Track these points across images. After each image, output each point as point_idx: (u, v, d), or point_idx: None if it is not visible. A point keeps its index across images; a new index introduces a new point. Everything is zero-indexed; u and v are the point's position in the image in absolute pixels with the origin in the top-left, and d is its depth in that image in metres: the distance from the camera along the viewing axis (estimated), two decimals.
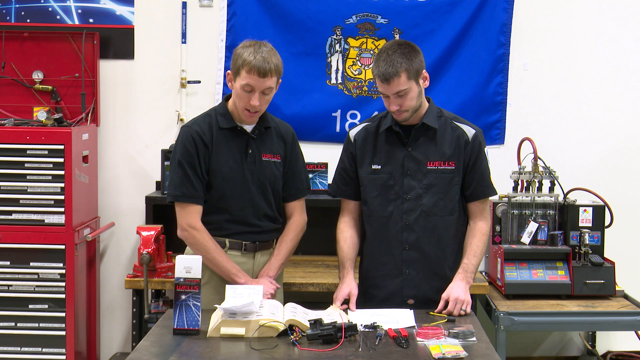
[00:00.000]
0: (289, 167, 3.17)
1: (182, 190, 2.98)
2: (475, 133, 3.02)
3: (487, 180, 3.05)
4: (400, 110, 2.92)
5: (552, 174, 3.83)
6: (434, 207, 2.99)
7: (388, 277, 3.04)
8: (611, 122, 4.37)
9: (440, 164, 2.99)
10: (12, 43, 4.25)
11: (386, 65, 2.87)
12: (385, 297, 3.03)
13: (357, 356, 2.41)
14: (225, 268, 2.99)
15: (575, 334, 4.43)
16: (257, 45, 2.93)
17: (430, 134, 3.01)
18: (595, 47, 4.34)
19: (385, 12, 4.29)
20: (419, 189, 2.99)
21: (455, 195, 3.01)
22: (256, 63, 2.87)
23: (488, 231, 3.08)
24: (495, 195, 3.12)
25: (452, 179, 3.00)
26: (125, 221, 4.39)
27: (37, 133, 3.88)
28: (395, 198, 3.01)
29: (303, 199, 3.24)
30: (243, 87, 2.90)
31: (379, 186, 3.03)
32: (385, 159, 3.03)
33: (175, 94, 4.36)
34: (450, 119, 3.05)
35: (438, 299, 2.94)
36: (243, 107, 2.95)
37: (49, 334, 3.94)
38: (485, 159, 3.07)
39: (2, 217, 3.90)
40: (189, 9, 4.31)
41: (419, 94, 2.95)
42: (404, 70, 2.87)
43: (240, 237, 3.07)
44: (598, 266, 3.70)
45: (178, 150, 3.01)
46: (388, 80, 2.87)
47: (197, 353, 2.45)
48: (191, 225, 2.99)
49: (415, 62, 2.90)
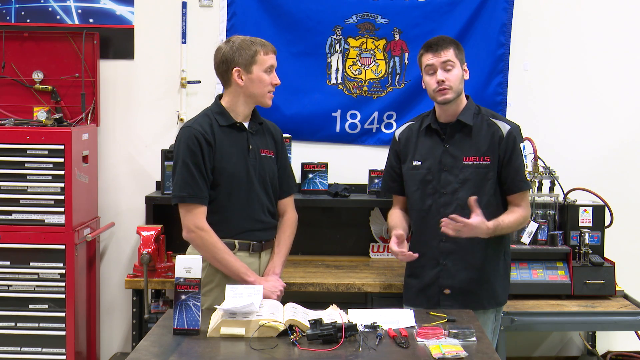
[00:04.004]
0: (281, 164, 3.23)
1: (187, 190, 2.98)
2: (510, 129, 3.11)
3: (521, 175, 3.13)
4: (445, 84, 3.03)
5: (552, 174, 3.84)
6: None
7: (426, 268, 3.17)
8: (611, 122, 4.37)
9: (476, 159, 3.10)
10: (12, 43, 4.25)
11: (437, 39, 3.10)
12: (422, 287, 3.18)
13: (357, 356, 2.41)
14: (235, 267, 3.01)
15: (575, 334, 4.43)
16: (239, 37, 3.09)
17: (466, 130, 3.12)
18: (595, 47, 4.34)
19: (385, 12, 4.29)
20: (455, 183, 3.11)
21: (489, 189, 3.10)
22: (267, 44, 3.06)
23: (526, 216, 3.16)
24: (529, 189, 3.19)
25: (486, 174, 3.09)
26: (125, 221, 4.38)
27: (37, 133, 3.88)
28: (433, 192, 3.14)
29: (293, 196, 3.32)
30: (266, 70, 3.05)
31: (418, 181, 3.17)
32: (425, 155, 3.17)
33: (175, 94, 4.36)
34: (488, 116, 3.15)
35: (473, 290, 3.09)
36: (267, 91, 3.07)
37: (49, 334, 3.94)
38: (521, 154, 3.14)
39: (2, 217, 3.90)
40: (189, 9, 4.31)
41: (462, 80, 3.10)
42: (453, 47, 3.08)
43: (249, 237, 3.09)
44: (598, 266, 3.70)
45: (181, 150, 3.01)
46: (438, 50, 3.05)
47: (197, 353, 2.45)
48: (198, 227, 2.99)
49: (461, 49, 3.13)
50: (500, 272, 3.19)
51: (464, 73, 3.12)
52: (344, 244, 4.35)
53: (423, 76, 3.14)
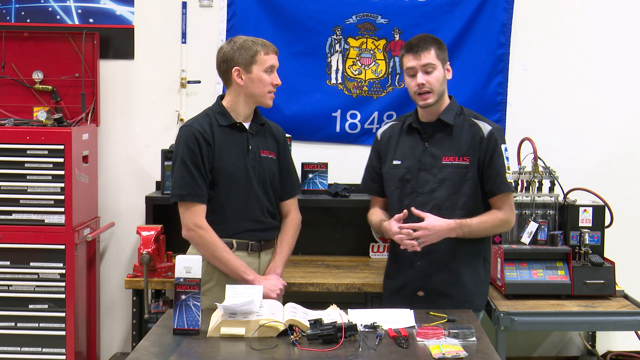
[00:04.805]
0: (283, 166, 3.23)
1: (187, 189, 2.99)
2: (491, 130, 3.08)
3: (502, 176, 3.08)
4: (425, 88, 2.99)
5: (552, 174, 3.83)
6: (446, 201, 3.04)
7: (401, 269, 3.14)
8: (611, 122, 4.37)
9: (455, 159, 3.06)
10: (12, 43, 4.25)
11: (418, 40, 3.03)
12: (397, 288, 3.15)
13: (357, 356, 2.41)
14: (234, 266, 3.01)
15: (575, 334, 4.43)
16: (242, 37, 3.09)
17: (447, 130, 3.09)
18: (595, 47, 4.34)
19: (385, 12, 4.29)
20: (433, 183, 3.07)
21: (468, 190, 3.05)
22: (268, 44, 3.06)
23: (504, 219, 3.09)
24: (511, 192, 3.12)
25: (465, 174, 3.05)
26: (125, 221, 4.39)
27: (37, 133, 3.88)
28: (411, 192, 3.10)
29: (296, 198, 3.31)
30: (267, 70, 3.04)
31: (397, 180, 3.13)
32: (405, 154, 3.14)
33: (175, 94, 4.36)
34: (470, 116, 3.12)
35: (448, 292, 3.04)
36: (267, 91, 3.06)
37: (49, 334, 3.94)
38: (502, 155, 3.09)
39: (2, 217, 3.90)
40: (189, 9, 4.31)
41: (443, 81, 3.05)
42: (434, 48, 3.01)
43: (247, 237, 3.09)
44: (598, 266, 3.70)
45: (180, 149, 3.02)
46: (418, 52, 2.99)
47: (197, 353, 2.45)
48: (198, 225, 3.00)
49: (443, 48, 3.06)
50: (480, 277, 3.14)
51: (446, 73, 3.07)
52: (344, 244, 4.35)
53: (404, 77, 3.10)
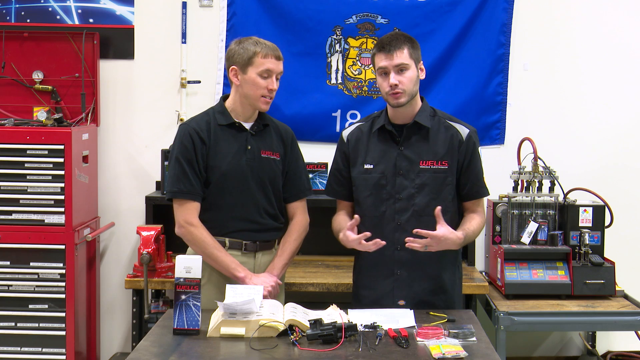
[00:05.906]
0: (290, 167, 3.18)
1: (179, 186, 3.00)
2: (469, 133, 2.98)
3: (481, 180, 3.02)
4: (398, 88, 2.88)
5: (552, 174, 3.84)
6: (427, 207, 2.93)
7: (379, 278, 3.01)
8: (611, 122, 4.37)
9: (433, 164, 2.95)
10: (12, 43, 4.25)
11: (390, 38, 2.92)
12: (376, 299, 3.00)
13: (357, 356, 2.41)
14: (225, 263, 2.99)
15: (575, 334, 4.43)
16: (252, 38, 3.04)
17: (423, 133, 2.97)
18: (595, 47, 4.34)
19: (385, 12, 4.29)
20: (411, 188, 2.95)
21: (448, 195, 2.96)
22: (270, 48, 2.99)
23: (483, 223, 3.03)
24: (489, 196, 3.08)
25: (445, 179, 2.95)
26: (125, 221, 4.39)
27: (37, 133, 3.88)
28: (388, 198, 2.97)
29: (305, 200, 3.24)
30: (261, 73, 2.97)
31: (371, 186, 2.99)
32: (378, 158, 2.99)
33: (175, 94, 4.36)
34: (444, 119, 3.01)
35: (429, 300, 2.95)
36: (260, 95, 2.99)
37: (49, 334, 3.94)
38: (480, 159, 3.02)
39: (2, 217, 3.90)
40: (189, 9, 4.31)
41: (417, 81, 2.94)
42: (407, 47, 2.90)
43: (241, 236, 3.07)
44: (598, 266, 3.70)
45: (175, 147, 3.04)
46: (390, 51, 2.88)
47: (197, 353, 2.45)
48: (188, 222, 3.00)
49: (416, 47, 2.95)
50: (456, 282, 3.08)
51: (419, 72, 2.94)
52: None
53: (376, 76, 2.96)
